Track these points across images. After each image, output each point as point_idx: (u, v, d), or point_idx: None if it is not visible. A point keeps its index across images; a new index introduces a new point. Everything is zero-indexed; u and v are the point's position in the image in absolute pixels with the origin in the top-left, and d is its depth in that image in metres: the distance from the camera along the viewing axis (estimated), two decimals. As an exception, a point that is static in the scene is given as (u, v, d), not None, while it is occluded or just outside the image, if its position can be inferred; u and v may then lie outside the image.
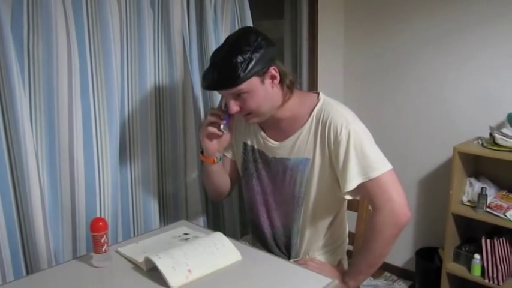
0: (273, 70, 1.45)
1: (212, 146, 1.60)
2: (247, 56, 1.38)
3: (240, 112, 1.49)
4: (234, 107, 1.46)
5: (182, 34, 1.81)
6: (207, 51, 1.89)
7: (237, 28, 2.02)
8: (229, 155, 1.74)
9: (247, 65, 1.38)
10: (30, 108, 1.47)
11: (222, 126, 1.55)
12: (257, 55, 1.39)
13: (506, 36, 2.36)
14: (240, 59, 1.37)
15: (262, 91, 1.44)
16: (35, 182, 1.44)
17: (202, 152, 1.66)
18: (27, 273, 1.51)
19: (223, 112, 1.55)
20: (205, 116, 1.88)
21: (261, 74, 1.42)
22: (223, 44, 1.48)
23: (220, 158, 1.67)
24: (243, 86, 1.40)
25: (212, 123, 1.56)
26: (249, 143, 1.66)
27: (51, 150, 1.53)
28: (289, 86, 1.50)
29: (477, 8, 2.43)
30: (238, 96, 1.44)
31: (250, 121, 1.53)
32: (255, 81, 1.42)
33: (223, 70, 1.40)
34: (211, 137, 1.59)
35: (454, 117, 2.61)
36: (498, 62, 2.41)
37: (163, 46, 1.81)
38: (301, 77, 2.83)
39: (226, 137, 1.61)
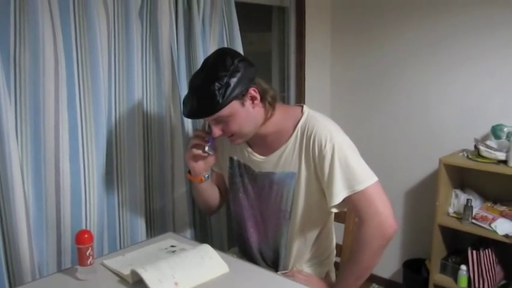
0: (252, 91, 1.44)
1: (198, 166, 1.60)
2: (224, 81, 1.37)
3: (223, 135, 1.49)
4: (217, 131, 1.46)
5: (170, 46, 1.82)
6: (195, 64, 1.89)
7: (225, 40, 2.03)
8: (217, 169, 1.74)
9: (225, 90, 1.37)
10: (16, 119, 1.46)
11: (206, 148, 1.55)
12: (234, 79, 1.38)
13: (490, 48, 2.41)
14: (217, 85, 1.36)
15: (243, 113, 1.44)
16: (19, 194, 1.42)
17: (189, 172, 1.66)
18: (10, 286, 1.48)
19: (207, 133, 1.55)
20: (192, 131, 1.89)
21: (240, 97, 1.41)
22: (201, 69, 1.47)
23: (208, 176, 1.67)
24: (223, 112, 1.40)
25: (196, 145, 1.56)
26: (235, 158, 1.66)
27: (36, 162, 1.51)
28: (270, 102, 1.50)
29: (460, 21, 2.48)
30: (220, 120, 1.44)
31: (235, 142, 1.54)
32: (234, 105, 1.41)
33: (202, 98, 1.40)
34: (197, 158, 1.59)
35: (440, 129, 2.64)
36: (482, 74, 2.46)
37: (151, 57, 1.81)
38: (289, 90, 2.85)
39: (212, 157, 1.61)
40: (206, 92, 1.38)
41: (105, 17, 1.62)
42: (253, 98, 1.45)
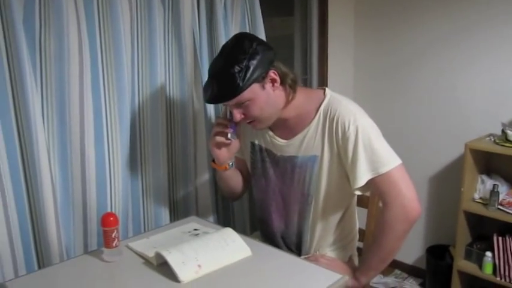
0: (272, 74, 1.43)
1: (222, 154, 1.60)
2: (244, 64, 1.36)
3: (245, 119, 1.48)
4: (238, 115, 1.46)
5: (192, 30, 1.82)
6: (217, 49, 1.88)
7: (247, 25, 2.02)
8: (239, 154, 1.74)
9: (245, 73, 1.36)
10: (42, 104, 1.48)
11: (229, 135, 1.54)
12: (254, 62, 1.37)
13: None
14: (236, 68, 1.36)
15: (264, 96, 1.43)
16: (46, 178, 1.45)
17: (213, 160, 1.66)
18: (39, 267, 1.52)
19: (229, 120, 1.55)
20: (215, 116, 1.89)
21: (261, 79, 1.41)
22: (219, 54, 1.47)
23: (232, 164, 1.66)
24: (244, 95, 1.39)
25: (219, 133, 1.56)
26: (256, 142, 1.66)
27: (62, 146, 1.54)
28: (291, 85, 1.49)
29: (490, 4, 2.40)
30: (240, 104, 1.44)
31: (257, 127, 1.53)
32: (255, 88, 1.40)
33: (222, 82, 1.39)
34: (220, 146, 1.59)
35: (466, 113, 2.59)
36: (509, 59, 2.39)
37: (173, 42, 1.81)
38: (312, 74, 2.82)
39: (236, 143, 1.60)
40: (226, 75, 1.37)
41: (127, 2, 1.62)
42: (273, 81, 1.44)
